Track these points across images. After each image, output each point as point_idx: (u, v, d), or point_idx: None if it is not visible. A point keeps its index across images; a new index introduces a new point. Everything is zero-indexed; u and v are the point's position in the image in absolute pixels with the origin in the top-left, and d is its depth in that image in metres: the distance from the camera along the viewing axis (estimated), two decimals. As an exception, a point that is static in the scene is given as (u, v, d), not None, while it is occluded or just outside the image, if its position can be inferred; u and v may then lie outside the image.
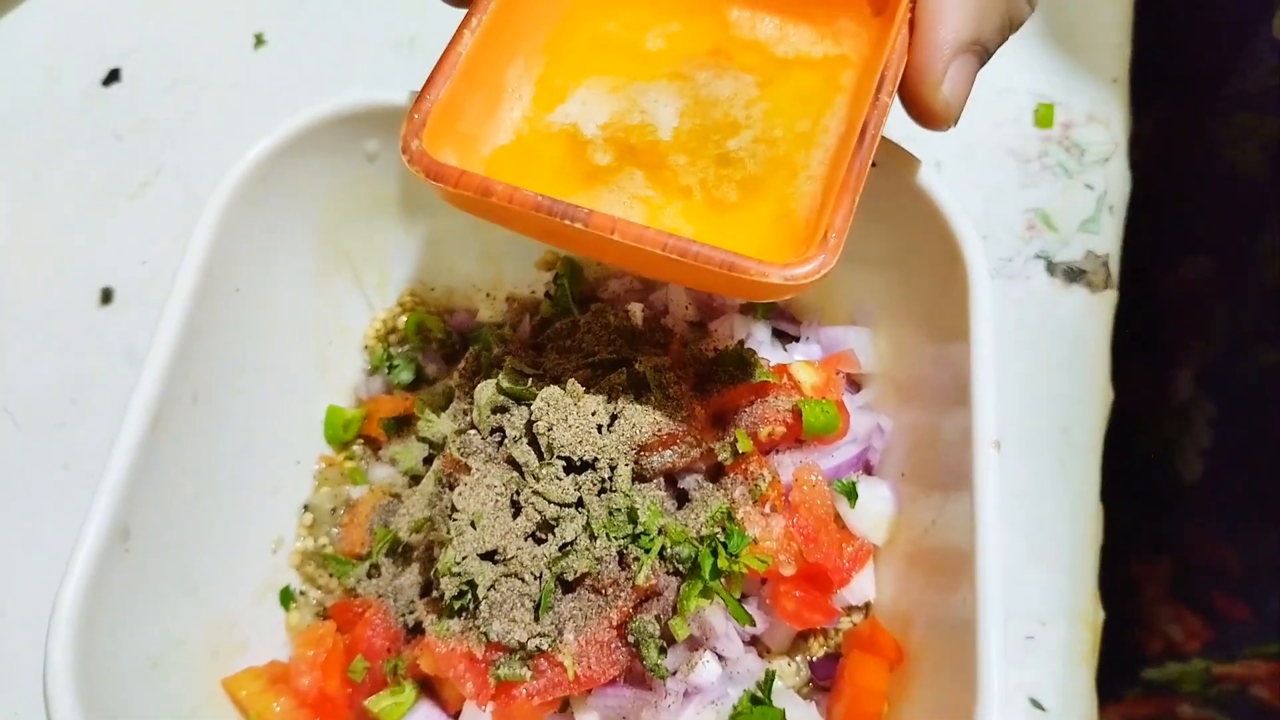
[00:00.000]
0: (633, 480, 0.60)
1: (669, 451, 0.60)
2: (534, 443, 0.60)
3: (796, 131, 0.56)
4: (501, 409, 0.62)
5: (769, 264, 0.48)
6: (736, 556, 0.59)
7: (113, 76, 0.97)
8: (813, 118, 0.56)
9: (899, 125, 0.61)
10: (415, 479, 0.69)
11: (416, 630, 0.63)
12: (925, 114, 0.54)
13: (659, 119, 0.57)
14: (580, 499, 0.59)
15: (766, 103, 0.57)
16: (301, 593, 0.69)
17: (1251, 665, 0.93)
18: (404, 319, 0.77)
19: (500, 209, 0.51)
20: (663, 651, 0.59)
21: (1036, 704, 0.70)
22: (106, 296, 0.87)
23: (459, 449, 0.61)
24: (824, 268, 0.49)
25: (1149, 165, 0.92)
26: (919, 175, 0.61)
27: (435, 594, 0.60)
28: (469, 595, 0.58)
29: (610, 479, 0.59)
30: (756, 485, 0.61)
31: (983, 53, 0.54)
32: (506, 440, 0.60)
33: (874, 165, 0.64)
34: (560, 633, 0.57)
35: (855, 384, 0.71)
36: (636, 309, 0.68)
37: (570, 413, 0.59)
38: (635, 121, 0.57)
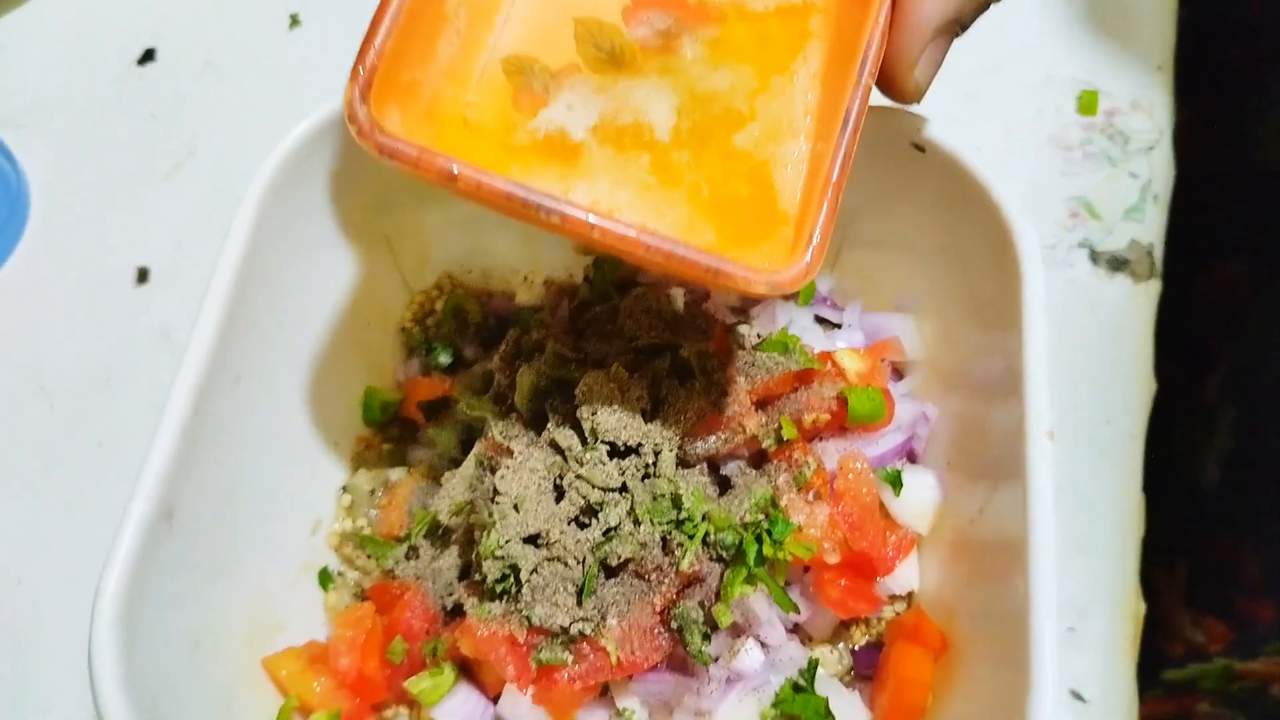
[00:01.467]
0: (676, 466, 0.59)
1: (713, 437, 0.60)
2: (577, 427, 0.59)
3: (776, 94, 0.53)
4: (544, 393, 0.61)
5: (753, 270, 0.47)
6: (781, 543, 0.58)
7: (148, 56, 0.97)
8: (786, 72, 0.54)
9: (941, 112, 0.60)
10: (453, 461, 0.69)
11: (455, 612, 0.63)
12: (895, 94, 0.53)
13: (654, 118, 0.53)
14: (624, 484, 0.58)
15: (767, 94, 0.53)
16: (340, 574, 0.69)
17: (1272, 662, 0.92)
18: (441, 302, 0.77)
19: (465, 194, 0.46)
20: (706, 638, 0.58)
21: (1077, 695, 0.69)
22: (142, 276, 0.87)
23: (501, 432, 0.61)
24: (810, 273, 0.47)
25: (1193, 157, 0.90)
26: (968, 161, 0.60)
27: (476, 577, 0.59)
28: (511, 579, 0.57)
29: (654, 464, 0.59)
30: (801, 472, 0.60)
31: (959, 30, 0.53)
32: (549, 424, 0.60)
33: (921, 150, 0.64)
34: (603, 617, 0.57)
35: (898, 371, 0.70)
36: (678, 294, 0.67)
37: (614, 397, 0.59)
38: (628, 121, 0.52)
